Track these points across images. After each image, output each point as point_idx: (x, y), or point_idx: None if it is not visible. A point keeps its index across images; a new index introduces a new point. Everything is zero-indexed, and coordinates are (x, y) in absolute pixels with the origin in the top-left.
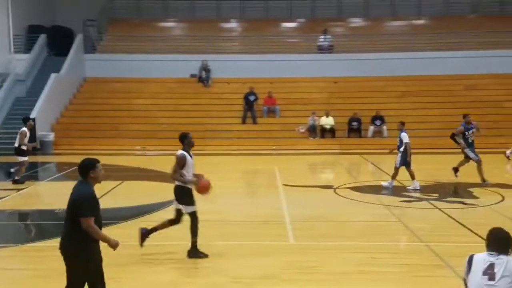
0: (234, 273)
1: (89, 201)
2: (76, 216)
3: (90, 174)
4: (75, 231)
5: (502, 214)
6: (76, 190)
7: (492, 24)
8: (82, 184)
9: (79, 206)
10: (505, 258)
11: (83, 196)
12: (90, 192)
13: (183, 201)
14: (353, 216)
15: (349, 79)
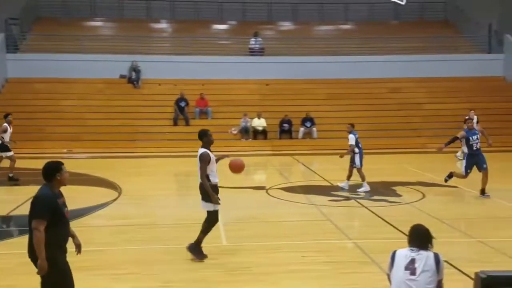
0: (164, 278)
1: (44, 203)
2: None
3: (57, 177)
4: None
5: (423, 211)
6: (38, 191)
7: (413, 30)
8: (43, 187)
9: (32, 207)
10: (425, 253)
11: (39, 197)
12: (48, 194)
13: (204, 198)
14: (284, 216)
15: (279, 81)
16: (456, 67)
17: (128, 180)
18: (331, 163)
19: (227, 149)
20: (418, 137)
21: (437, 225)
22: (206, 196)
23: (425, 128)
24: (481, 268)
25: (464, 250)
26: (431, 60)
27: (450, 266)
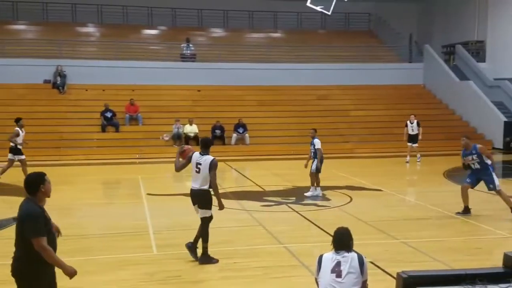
0: None
1: (39, 220)
2: (26, 237)
3: (41, 189)
4: (25, 253)
5: (350, 214)
6: (23, 208)
7: (340, 39)
8: (29, 201)
9: (28, 225)
10: (350, 255)
11: (32, 215)
12: (38, 210)
13: (201, 205)
14: (216, 222)
15: (211, 88)
16: (379, 76)
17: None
18: (263, 169)
19: (158, 156)
20: (345, 143)
21: (363, 228)
22: (206, 204)
23: (352, 134)
24: (404, 268)
25: (388, 251)
26: (357, 69)
27: (374, 267)
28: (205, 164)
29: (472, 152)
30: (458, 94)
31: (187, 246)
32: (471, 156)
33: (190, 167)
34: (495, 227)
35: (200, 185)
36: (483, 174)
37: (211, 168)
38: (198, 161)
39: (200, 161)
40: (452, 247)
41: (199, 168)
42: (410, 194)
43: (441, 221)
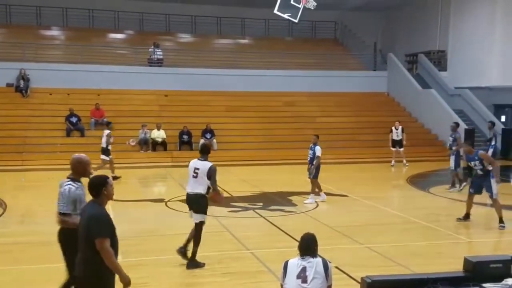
0: None
1: (106, 222)
2: (91, 237)
3: (104, 191)
4: (91, 255)
5: (316, 220)
6: (90, 210)
7: (306, 46)
8: (94, 204)
9: (95, 227)
10: (315, 260)
11: (100, 217)
12: (105, 213)
13: (197, 209)
14: (183, 228)
15: (179, 93)
16: (345, 83)
17: (14, 195)
18: (231, 174)
19: (125, 161)
20: None
21: (329, 233)
22: (201, 208)
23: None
24: (368, 272)
25: (353, 255)
26: (323, 76)
27: (339, 271)
28: (203, 169)
29: (474, 157)
30: (420, 102)
31: (179, 252)
32: (474, 162)
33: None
34: (456, 232)
35: (197, 190)
36: (485, 180)
37: (210, 174)
38: (196, 166)
39: (198, 166)
40: (415, 252)
41: (197, 173)
42: (375, 200)
43: (404, 226)
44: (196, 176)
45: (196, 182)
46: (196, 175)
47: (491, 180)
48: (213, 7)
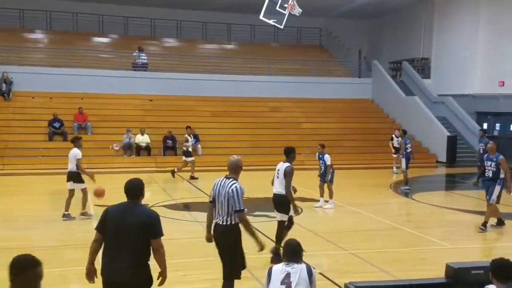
0: None
1: (159, 219)
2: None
3: (142, 193)
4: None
5: (301, 226)
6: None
7: (292, 52)
8: (140, 205)
9: (155, 226)
10: (299, 266)
11: (157, 216)
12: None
13: (281, 210)
14: (167, 234)
15: (164, 97)
16: (330, 89)
17: None
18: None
19: (108, 166)
20: (297, 155)
21: (313, 239)
22: (284, 207)
23: (303, 146)
24: (352, 278)
25: (337, 261)
26: (308, 82)
27: (323, 277)
28: (281, 170)
29: (493, 159)
30: (404, 108)
31: (273, 252)
32: (491, 162)
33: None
34: (439, 238)
35: (279, 190)
36: (491, 184)
37: (285, 175)
38: (279, 167)
39: (280, 168)
40: (398, 258)
41: (278, 174)
42: (359, 206)
43: (388, 232)
44: (278, 177)
45: (278, 182)
46: (278, 176)
47: (496, 187)
48: (198, 12)
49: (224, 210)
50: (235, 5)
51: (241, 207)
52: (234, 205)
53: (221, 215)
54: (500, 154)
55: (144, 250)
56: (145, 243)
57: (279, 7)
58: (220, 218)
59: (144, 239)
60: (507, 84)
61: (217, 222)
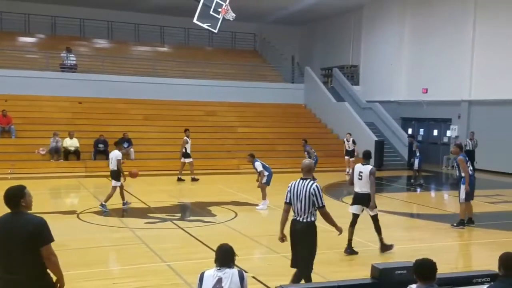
0: None
1: (48, 226)
2: (38, 246)
3: (22, 203)
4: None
5: (235, 230)
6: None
7: (226, 57)
8: (23, 214)
9: (41, 234)
10: (230, 271)
11: (45, 223)
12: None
13: (368, 205)
14: (96, 241)
15: (94, 100)
16: (264, 94)
17: None
18: (148, 185)
19: (34, 171)
20: (232, 159)
21: (247, 242)
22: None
23: (238, 150)
24: (284, 281)
25: (270, 265)
26: (242, 87)
27: (256, 281)
28: (366, 172)
29: (454, 161)
30: (335, 114)
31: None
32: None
33: None
34: (367, 239)
35: (363, 190)
36: (459, 183)
37: (373, 175)
38: (360, 170)
39: (362, 170)
40: (329, 259)
41: (361, 176)
42: None
43: (320, 235)
44: (361, 178)
45: (362, 183)
46: (361, 178)
47: (461, 186)
48: (130, 13)
49: (306, 209)
50: (168, 7)
51: (323, 203)
52: (316, 202)
53: (301, 213)
54: (461, 155)
55: (37, 260)
56: (36, 252)
57: (213, 12)
58: (300, 216)
59: (34, 249)
60: (430, 91)
61: (297, 219)
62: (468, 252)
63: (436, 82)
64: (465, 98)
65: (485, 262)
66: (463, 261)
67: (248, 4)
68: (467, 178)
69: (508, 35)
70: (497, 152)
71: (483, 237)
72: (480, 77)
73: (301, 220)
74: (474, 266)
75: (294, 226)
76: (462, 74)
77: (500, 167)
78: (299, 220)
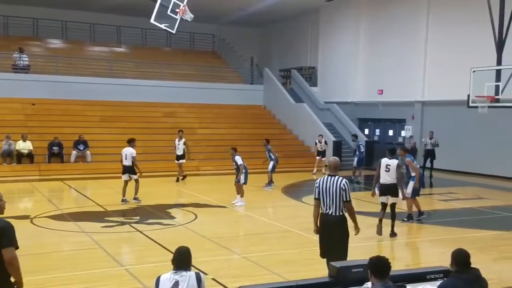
0: None
1: (14, 231)
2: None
3: None
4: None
5: (194, 232)
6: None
7: (185, 57)
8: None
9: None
10: (187, 274)
11: (11, 226)
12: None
13: (394, 194)
14: (51, 247)
15: (48, 101)
16: (223, 95)
17: None
18: (106, 188)
19: None
20: (192, 160)
21: (207, 244)
22: (397, 192)
23: (198, 151)
24: (243, 282)
25: (229, 266)
26: (202, 88)
27: (216, 283)
28: (393, 165)
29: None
30: (294, 115)
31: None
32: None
33: None
34: None
35: (390, 180)
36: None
37: (397, 167)
38: (388, 163)
39: (389, 163)
40: (288, 260)
41: (389, 168)
42: (252, 210)
43: (279, 235)
44: (388, 170)
45: (389, 175)
46: (389, 170)
47: (410, 182)
48: (85, 13)
49: (336, 203)
50: (125, 7)
51: (350, 198)
52: (345, 197)
53: (332, 208)
54: (407, 157)
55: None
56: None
57: (171, 12)
58: (331, 210)
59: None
60: (385, 93)
61: (328, 213)
62: (421, 249)
63: (391, 84)
64: (418, 99)
65: (438, 258)
66: (417, 258)
67: (207, 5)
68: (417, 176)
69: (459, 37)
70: (449, 152)
71: (436, 234)
72: (433, 78)
73: (334, 214)
74: (427, 263)
75: (327, 220)
76: (415, 76)
77: (452, 165)
78: (331, 214)
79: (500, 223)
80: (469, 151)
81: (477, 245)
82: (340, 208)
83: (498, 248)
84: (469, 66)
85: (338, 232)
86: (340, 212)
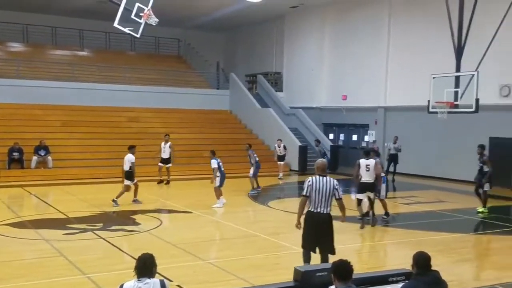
0: None
1: None
2: None
3: None
4: None
5: (159, 238)
6: None
7: (149, 62)
8: None
9: None
10: (151, 281)
11: None
12: None
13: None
14: (12, 255)
15: (8, 106)
16: (189, 100)
17: None
18: (68, 194)
19: None
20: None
21: (172, 251)
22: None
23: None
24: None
25: (195, 272)
26: (167, 92)
27: None
28: (372, 165)
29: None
30: (260, 120)
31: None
32: None
33: None
34: (292, 243)
35: (371, 180)
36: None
37: (376, 166)
38: (367, 163)
39: (369, 163)
40: (255, 264)
41: (369, 168)
42: (218, 215)
43: (246, 240)
44: (368, 170)
45: (370, 174)
46: (369, 169)
47: (382, 185)
48: (47, 16)
49: (327, 201)
50: (87, 10)
51: (342, 195)
52: (337, 195)
53: (323, 206)
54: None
55: None
56: None
57: (135, 16)
58: (322, 208)
59: None
60: (349, 98)
61: (319, 211)
62: (383, 252)
63: (355, 89)
64: (381, 105)
65: (400, 261)
66: (380, 261)
67: (172, 9)
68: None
69: (420, 42)
70: (411, 156)
71: (399, 236)
72: (395, 84)
73: (325, 212)
74: (390, 265)
75: (318, 218)
76: (378, 81)
77: (413, 169)
78: (323, 212)
79: (460, 225)
80: (430, 155)
81: (438, 248)
82: (330, 206)
83: (458, 251)
84: (430, 72)
85: (328, 227)
86: (329, 209)
